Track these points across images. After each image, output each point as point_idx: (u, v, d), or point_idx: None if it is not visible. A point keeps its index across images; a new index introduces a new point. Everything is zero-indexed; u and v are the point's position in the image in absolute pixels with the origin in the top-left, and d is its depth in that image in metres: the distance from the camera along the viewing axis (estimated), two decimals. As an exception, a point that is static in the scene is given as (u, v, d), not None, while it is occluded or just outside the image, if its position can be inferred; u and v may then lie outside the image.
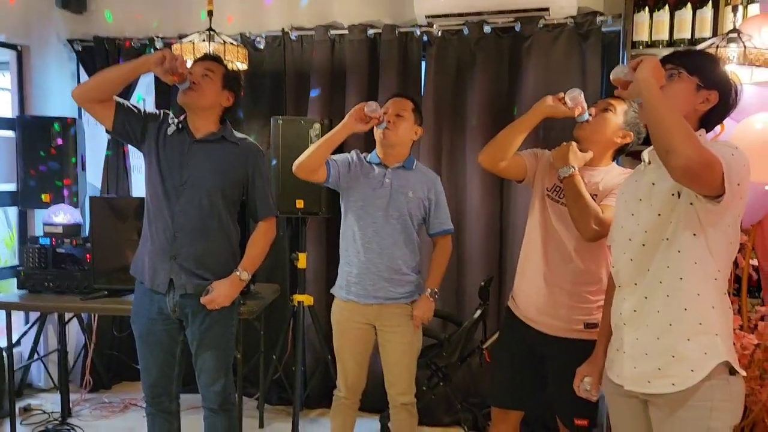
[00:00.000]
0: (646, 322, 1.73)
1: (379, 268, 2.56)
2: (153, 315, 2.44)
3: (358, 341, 2.64)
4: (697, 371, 1.64)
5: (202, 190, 2.37)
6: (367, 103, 2.47)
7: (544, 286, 2.27)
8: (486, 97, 3.44)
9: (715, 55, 1.90)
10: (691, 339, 1.66)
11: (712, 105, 1.69)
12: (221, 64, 2.47)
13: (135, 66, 2.35)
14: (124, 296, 3.22)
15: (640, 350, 1.74)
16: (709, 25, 2.97)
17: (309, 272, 3.61)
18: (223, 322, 2.46)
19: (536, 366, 2.33)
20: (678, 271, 1.67)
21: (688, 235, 1.65)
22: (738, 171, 1.58)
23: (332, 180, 2.60)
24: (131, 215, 3.27)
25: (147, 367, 2.50)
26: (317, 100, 3.66)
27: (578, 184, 2.15)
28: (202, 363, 2.46)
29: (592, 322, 2.24)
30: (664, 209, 1.70)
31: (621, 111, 2.24)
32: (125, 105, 2.40)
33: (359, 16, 3.65)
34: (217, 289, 2.38)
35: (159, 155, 2.39)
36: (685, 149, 1.50)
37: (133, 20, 3.97)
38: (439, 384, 3.25)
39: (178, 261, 2.38)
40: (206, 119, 2.42)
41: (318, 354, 3.74)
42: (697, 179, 1.54)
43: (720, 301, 1.69)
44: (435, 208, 2.63)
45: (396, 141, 2.57)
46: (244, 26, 3.78)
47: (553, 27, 3.32)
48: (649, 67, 1.63)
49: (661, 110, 1.57)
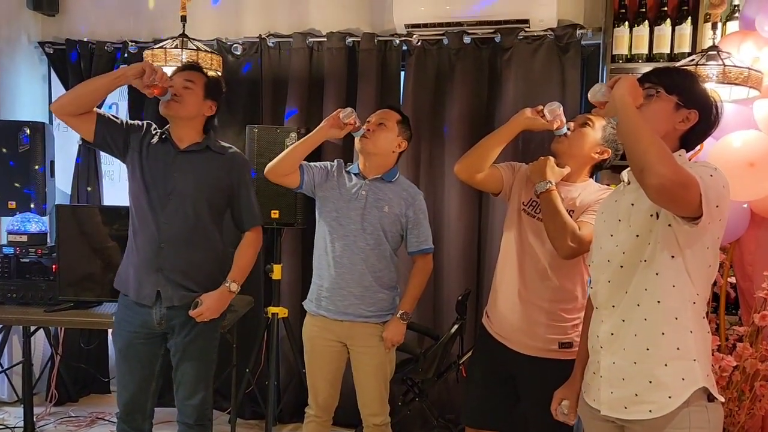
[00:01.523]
0: (623, 345, 1.69)
1: (350, 284, 2.49)
2: (135, 328, 2.40)
3: (330, 359, 2.57)
4: (674, 397, 1.60)
5: (188, 200, 2.35)
6: (343, 108, 2.44)
7: (519, 303, 2.23)
8: (465, 108, 3.40)
9: (695, 73, 1.87)
10: (669, 364, 1.62)
11: (692, 124, 1.66)
12: (202, 73, 2.44)
13: (113, 79, 2.30)
14: (91, 308, 3.13)
15: (617, 375, 1.70)
16: (688, 41, 2.98)
17: (283, 284, 3.54)
18: (208, 334, 2.43)
19: (510, 385, 2.28)
20: (656, 294, 1.64)
21: (666, 257, 1.62)
22: (717, 192, 1.55)
23: (305, 186, 2.54)
24: (101, 224, 3.18)
25: (124, 382, 2.44)
26: (294, 108, 3.59)
27: (555, 200, 2.12)
28: (182, 375, 2.42)
29: (566, 342, 2.21)
30: (642, 230, 1.66)
31: (599, 126, 2.22)
32: (106, 116, 2.37)
33: (338, 24, 3.61)
34: (206, 302, 2.36)
35: (143, 166, 2.36)
36: (660, 168, 1.46)
37: (107, 23, 3.88)
38: (415, 400, 3.20)
39: (164, 273, 2.34)
40: (189, 129, 2.40)
41: (292, 367, 3.68)
42: (672, 199, 1.51)
43: (698, 326, 1.66)
44: (413, 226, 2.54)
45: (373, 150, 2.50)
46: (221, 32, 3.71)
47: (533, 39, 3.30)
48: (625, 86, 1.60)
49: (637, 129, 1.54)
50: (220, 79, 2.51)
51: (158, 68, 2.23)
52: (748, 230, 2.47)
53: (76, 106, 2.29)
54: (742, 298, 2.57)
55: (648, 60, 3.04)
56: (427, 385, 3.18)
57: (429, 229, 2.60)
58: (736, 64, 2.19)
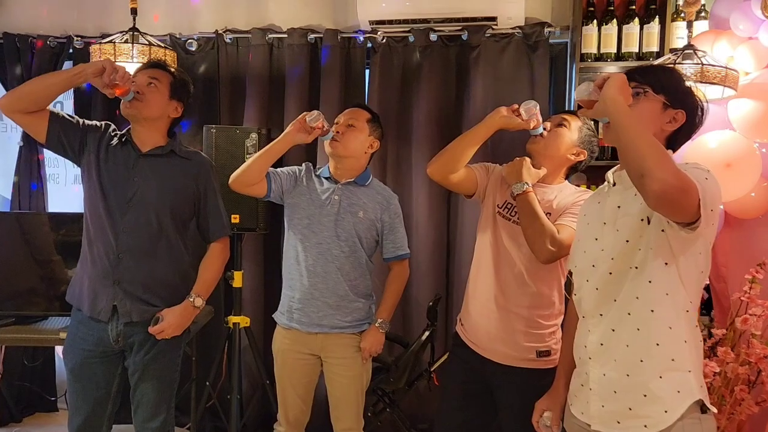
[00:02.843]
0: (614, 356, 1.61)
1: (324, 294, 2.36)
2: (89, 346, 2.21)
3: (302, 373, 2.44)
4: (670, 411, 1.53)
5: (150, 208, 2.18)
6: (310, 112, 2.30)
7: (496, 310, 2.14)
8: (432, 106, 3.31)
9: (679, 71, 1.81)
10: (663, 376, 1.55)
11: (679, 125, 1.61)
12: (168, 72, 2.27)
13: (71, 76, 2.11)
14: (35, 323, 2.92)
15: (608, 387, 1.62)
16: (656, 40, 2.96)
17: (245, 291, 3.38)
18: (170, 352, 2.27)
19: (486, 397, 2.19)
20: (649, 302, 1.56)
21: (659, 264, 1.55)
22: (712, 195, 1.49)
23: (273, 195, 2.40)
24: (45, 232, 2.97)
25: (77, 405, 2.25)
26: (254, 108, 3.44)
27: (532, 202, 2.04)
28: (141, 396, 2.25)
29: (544, 350, 2.14)
30: (632, 235, 1.59)
31: (575, 127, 2.16)
32: (60, 116, 2.18)
33: (297, 20, 3.45)
34: (168, 318, 2.19)
35: (100, 170, 2.19)
36: (661, 173, 1.38)
37: (49, 16, 3.63)
38: (386, 410, 3.09)
39: (122, 286, 2.17)
40: (153, 131, 2.23)
41: (255, 379, 3.52)
42: (673, 205, 1.43)
43: (692, 335, 1.59)
44: (389, 231, 2.44)
45: (344, 153, 2.38)
46: (174, 27, 3.52)
47: (501, 37, 3.23)
48: (616, 85, 1.52)
49: (633, 131, 1.46)
50: (188, 79, 2.34)
51: (120, 66, 2.05)
52: (722, 232, 2.45)
53: (27, 102, 2.10)
54: (716, 300, 2.56)
55: (617, 59, 3.02)
56: (398, 395, 3.08)
57: (405, 233, 2.51)
58: (713, 63, 2.16)
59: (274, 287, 3.57)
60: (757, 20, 2.17)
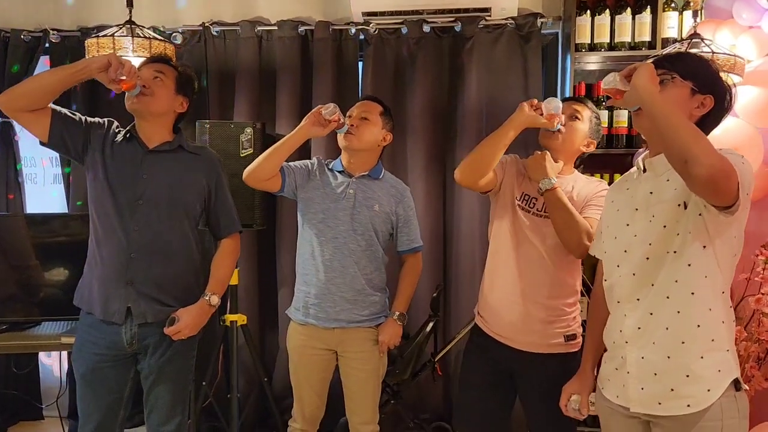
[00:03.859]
0: (653, 339, 1.65)
1: (341, 289, 2.34)
2: (101, 350, 2.14)
3: (318, 369, 2.42)
4: (713, 390, 1.58)
5: (161, 205, 2.13)
6: (325, 105, 2.26)
7: (520, 302, 2.14)
8: (426, 98, 3.30)
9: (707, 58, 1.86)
10: (705, 356, 1.60)
11: (707, 109, 1.64)
12: (172, 66, 2.21)
13: (74, 72, 2.01)
14: (27, 329, 2.82)
15: (648, 370, 1.65)
16: (648, 30, 3.02)
17: (240, 289, 3.32)
18: (185, 353, 2.22)
19: (506, 385, 2.22)
20: (689, 285, 1.61)
21: (697, 248, 1.59)
22: (749, 179, 1.55)
23: (287, 189, 2.36)
24: (26, 234, 2.86)
25: (88, 411, 2.18)
26: (244, 102, 3.37)
27: (562, 198, 2.04)
28: (156, 399, 2.20)
29: (570, 334, 2.17)
30: (669, 221, 1.63)
31: (587, 118, 2.18)
32: (63, 113, 2.09)
33: (287, 12, 3.40)
34: (184, 318, 2.13)
35: (107, 168, 2.11)
36: (707, 158, 1.43)
37: (23, 10, 3.49)
38: (390, 402, 3.09)
39: (135, 286, 2.11)
40: (159, 127, 2.18)
41: (252, 377, 3.47)
42: (717, 189, 1.48)
43: (728, 316, 1.65)
44: (404, 224, 2.44)
45: (360, 146, 2.36)
46: (158, 19, 3.41)
47: (494, 28, 3.24)
48: (646, 74, 1.56)
49: (674, 119, 1.50)
50: (193, 74, 2.28)
51: (126, 60, 1.98)
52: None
53: (28, 100, 2.01)
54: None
55: (610, 49, 3.06)
56: (402, 387, 3.08)
57: (418, 226, 2.49)
58: (722, 51, 2.22)
59: (269, 284, 3.54)
60: (761, 9, 2.24)
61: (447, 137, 3.33)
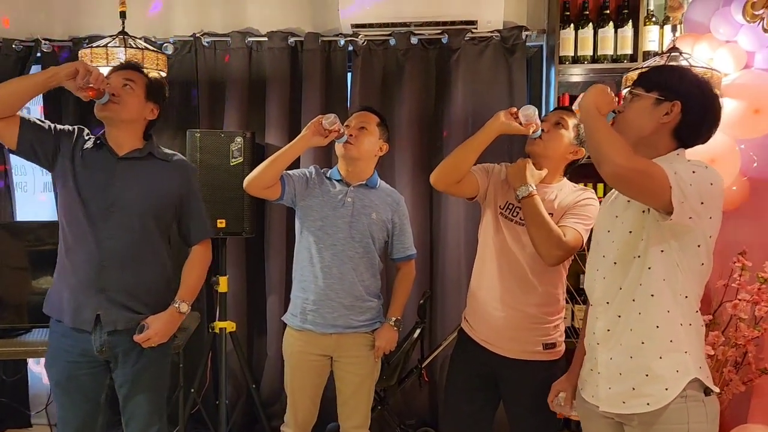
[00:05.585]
0: (620, 341, 1.71)
1: (340, 295, 2.38)
2: (74, 357, 2.14)
3: (314, 375, 2.46)
4: (670, 389, 1.64)
5: (133, 213, 2.12)
6: (326, 115, 2.29)
7: (502, 309, 2.19)
8: (414, 108, 3.36)
9: (678, 67, 1.92)
10: (663, 357, 1.65)
11: (676, 115, 1.66)
12: (142, 74, 2.22)
13: (43, 79, 2.01)
14: (16, 336, 2.83)
15: (615, 370, 1.72)
16: (630, 43, 3.10)
17: (229, 296, 3.35)
18: (159, 360, 2.22)
19: (491, 389, 2.26)
20: (649, 288, 1.67)
21: (656, 252, 1.65)
22: (700, 188, 1.58)
23: (287, 197, 2.40)
24: (14, 242, 2.88)
25: (66, 418, 2.18)
26: (234, 111, 3.42)
27: (537, 205, 2.07)
28: (134, 408, 2.19)
29: (550, 343, 2.21)
30: (635, 226, 1.69)
31: (572, 126, 2.23)
32: (31, 121, 2.09)
33: (277, 23, 3.45)
34: (154, 325, 2.13)
35: (77, 176, 2.10)
36: (613, 157, 1.55)
37: (15, 19, 3.51)
38: (377, 408, 3.12)
39: (106, 294, 2.10)
40: (129, 134, 2.17)
41: (240, 383, 3.50)
42: (632, 187, 1.59)
43: (690, 319, 1.69)
44: (399, 232, 2.50)
45: (358, 156, 2.41)
46: (149, 29, 3.45)
47: (480, 40, 3.30)
48: (591, 93, 1.69)
49: (594, 127, 1.63)
50: (163, 80, 2.30)
51: (93, 68, 1.98)
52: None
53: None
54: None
55: (593, 61, 3.14)
56: (389, 393, 3.11)
57: (412, 234, 2.56)
58: (700, 65, 2.29)
59: (257, 291, 3.57)
60: (737, 24, 2.31)
61: (434, 147, 3.39)
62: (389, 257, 2.56)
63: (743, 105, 2.31)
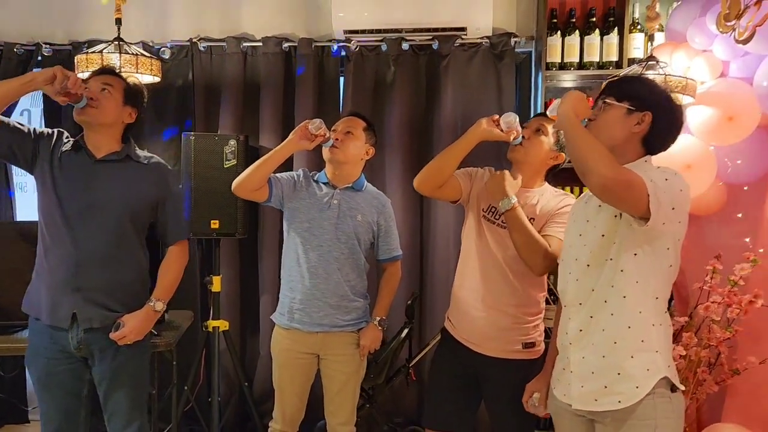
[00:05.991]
0: (592, 341, 1.77)
1: (325, 295, 2.45)
2: (53, 354, 2.19)
3: (301, 373, 2.52)
4: (641, 387, 1.70)
5: (110, 214, 2.17)
6: (312, 120, 2.36)
7: (483, 309, 2.25)
8: (404, 113, 3.43)
9: (647, 78, 1.98)
10: (635, 356, 1.71)
11: (647, 125, 1.74)
12: (120, 78, 2.27)
13: (21, 84, 2.06)
14: (14, 332, 2.89)
15: (587, 369, 1.78)
16: (615, 50, 3.16)
17: (222, 295, 3.42)
18: (137, 356, 2.26)
19: (473, 387, 2.32)
20: (621, 289, 1.73)
21: (629, 255, 1.71)
22: (672, 195, 1.64)
23: (275, 199, 2.47)
24: (15, 242, 2.94)
25: (48, 414, 2.23)
26: (229, 115, 3.49)
27: (520, 217, 2.12)
28: (114, 405, 2.24)
29: (529, 342, 2.27)
30: (608, 230, 1.75)
31: (551, 132, 2.28)
32: (11, 124, 2.14)
33: (272, 28, 3.53)
34: (129, 323, 2.19)
35: (54, 178, 2.16)
36: (600, 169, 1.59)
37: (17, 23, 3.59)
38: (365, 406, 3.18)
39: (82, 293, 2.15)
40: (107, 137, 2.22)
41: (232, 382, 3.56)
42: (617, 197, 1.63)
43: (660, 319, 1.75)
44: (384, 233, 2.56)
45: (344, 159, 2.47)
46: (147, 34, 3.53)
47: (470, 46, 3.38)
48: (568, 100, 1.74)
49: (577, 137, 1.67)
50: (141, 85, 2.33)
51: (71, 73, 2.04)
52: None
53: None
54: (676, 290, 2.76)
55: (579, 68, 3.20)
56: (377, 392, 3.17)
57: (397, 236, 2.62)
58: (674, 73, 2.35)
59: (250, 291, 3.64)
60: (712, 34, 2.37)
61: (423, 150, 3.45)
62: (375, 258, 2.62)
63: (718, 112, 2.37)
